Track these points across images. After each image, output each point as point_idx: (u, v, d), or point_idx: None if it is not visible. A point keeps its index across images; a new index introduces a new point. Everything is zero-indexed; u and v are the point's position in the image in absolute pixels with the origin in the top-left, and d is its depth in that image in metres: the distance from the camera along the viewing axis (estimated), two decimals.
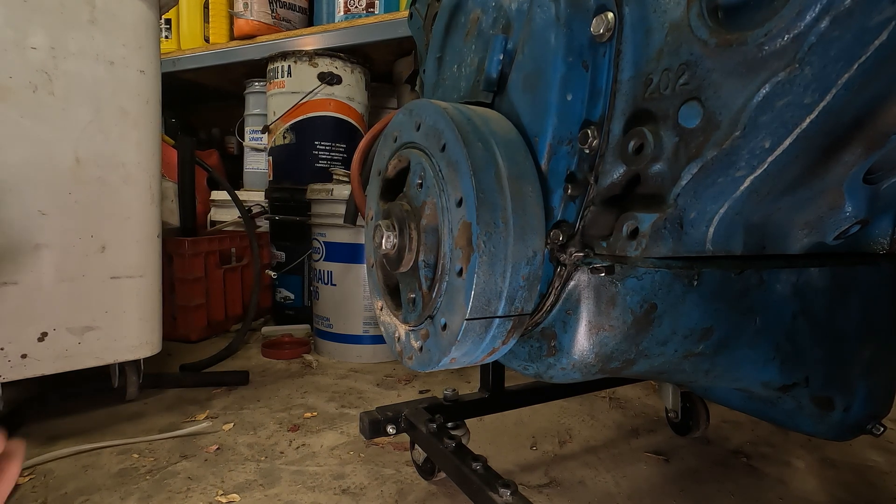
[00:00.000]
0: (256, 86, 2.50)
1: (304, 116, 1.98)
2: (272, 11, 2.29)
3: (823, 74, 0.40)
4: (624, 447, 1.13)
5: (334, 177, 1.75)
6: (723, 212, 0.51)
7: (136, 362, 1.23)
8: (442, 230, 0.57)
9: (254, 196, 2.35)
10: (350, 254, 1.67)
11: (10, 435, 1.12)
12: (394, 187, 0.68)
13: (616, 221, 0.53)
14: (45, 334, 1.05)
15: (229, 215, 2.40)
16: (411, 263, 0.61)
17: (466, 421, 0.99)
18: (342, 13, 2.13)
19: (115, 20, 1.11)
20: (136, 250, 1.17)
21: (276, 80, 2.03)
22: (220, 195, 2.43)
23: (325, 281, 1.71)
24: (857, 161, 0.52)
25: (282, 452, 1.09)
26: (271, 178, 2.10)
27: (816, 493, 0.96)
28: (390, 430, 0.92)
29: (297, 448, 1.11)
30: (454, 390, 0.99)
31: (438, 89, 0.79)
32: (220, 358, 1.65)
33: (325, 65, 1.97)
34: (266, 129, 2.09)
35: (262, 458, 1.06)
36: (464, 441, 0.91)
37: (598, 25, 0.53)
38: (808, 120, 0.43)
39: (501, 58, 0.63)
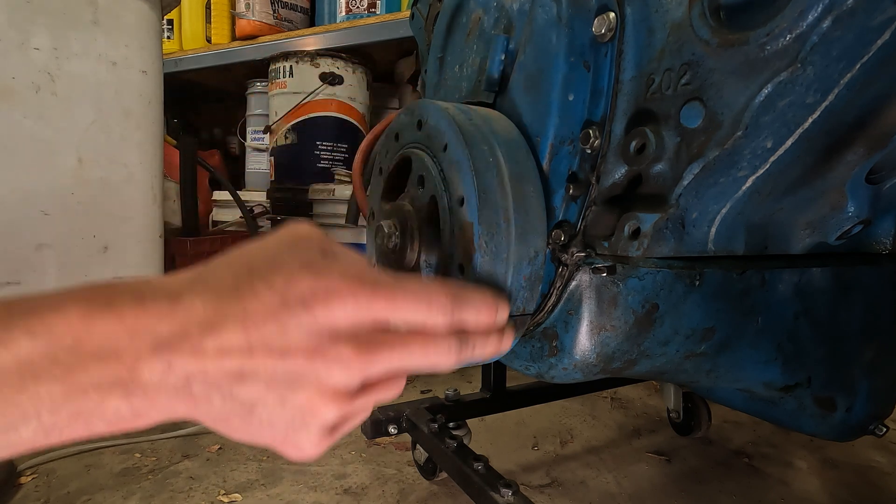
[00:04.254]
0: (258, 86, 2.50)
1: (306, 117, 1.98)
2: (274, 12, 2.29)
3: (826, 74, 0.40)
4: (625, 447, 1.12)
5: (336, 177, 1.75)
6: (725, 212, 0.51)
7: None
8: (444, 230, 0.57)
9: (255, 196, 2.34)
10: None
11: None
12: (395, 187, 0.67)
13: (618, 221, 0.53)
14: None
15: (231, 215, 2.39)
16: (413, 263, 0.61)
17: (468, 421, 0.99)
18: (344, 13, 2.13)
19: (118, 21, 1.11)
20: (139, 251, 1.17)
21: (277, 81, 2.03)
22: (222, 195, 2.42)
23: None
24: (859, 161, 0.52)
25: None
26: (273, 179, 2.10)
27: (818, 494, 0.96)
28: (392, 429, 0.92)
29: None
30: (456, 390, 0.99)
31: (440, 89, 0.78)
32: None
33: (327, 65, 1.97)
34: (268, 130, 2.10)
35: (264, 458, 1.06)
36: (465, 441, 0.91)
37: (600, 25, 0.53)
38: (810, 120, 0.43)
39: (503, 58, 0.63)
